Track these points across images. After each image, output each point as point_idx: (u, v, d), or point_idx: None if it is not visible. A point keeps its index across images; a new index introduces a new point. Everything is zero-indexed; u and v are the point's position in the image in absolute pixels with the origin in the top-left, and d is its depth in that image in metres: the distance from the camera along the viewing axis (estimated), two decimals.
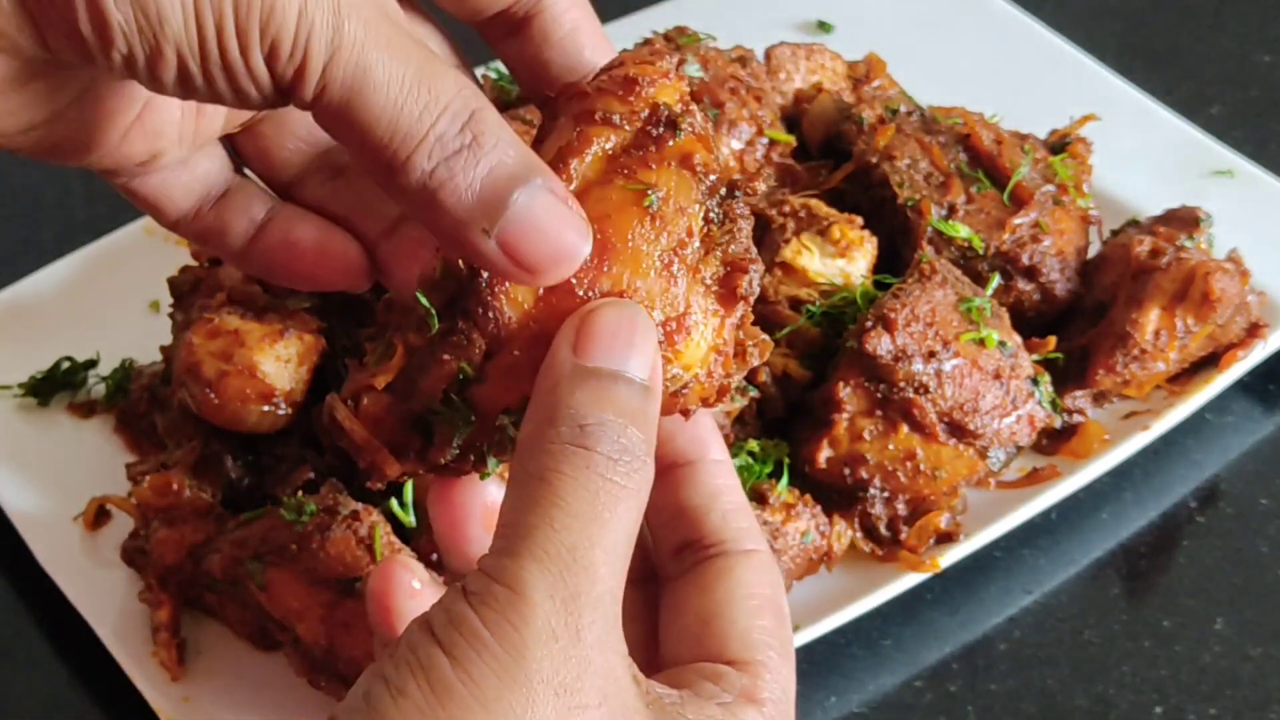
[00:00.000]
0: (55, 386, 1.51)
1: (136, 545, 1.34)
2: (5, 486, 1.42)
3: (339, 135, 0.70)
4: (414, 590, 0.82)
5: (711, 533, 0.79)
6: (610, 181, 0.73)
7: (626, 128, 0.74)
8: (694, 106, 0.76)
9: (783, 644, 0.77)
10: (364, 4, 0.68)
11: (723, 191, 0.76)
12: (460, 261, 0.72)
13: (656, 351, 0.72)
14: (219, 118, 0.81)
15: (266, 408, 1.37)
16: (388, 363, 0.73)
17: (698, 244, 0.74)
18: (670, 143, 0.74)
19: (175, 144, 0.80)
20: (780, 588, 0.79)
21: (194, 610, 1.32)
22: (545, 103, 0.78)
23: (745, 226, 0.76)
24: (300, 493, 1.31)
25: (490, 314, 0.72)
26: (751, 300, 0.76)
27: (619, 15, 1.80)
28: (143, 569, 1.32)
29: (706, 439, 0.82)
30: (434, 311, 0.73)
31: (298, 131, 0.83)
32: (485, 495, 0.80)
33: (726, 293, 0.75)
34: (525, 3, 0.79)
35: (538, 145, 0.75)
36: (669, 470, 0.80)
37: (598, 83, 0.76)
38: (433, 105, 0.68)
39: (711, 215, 0.75)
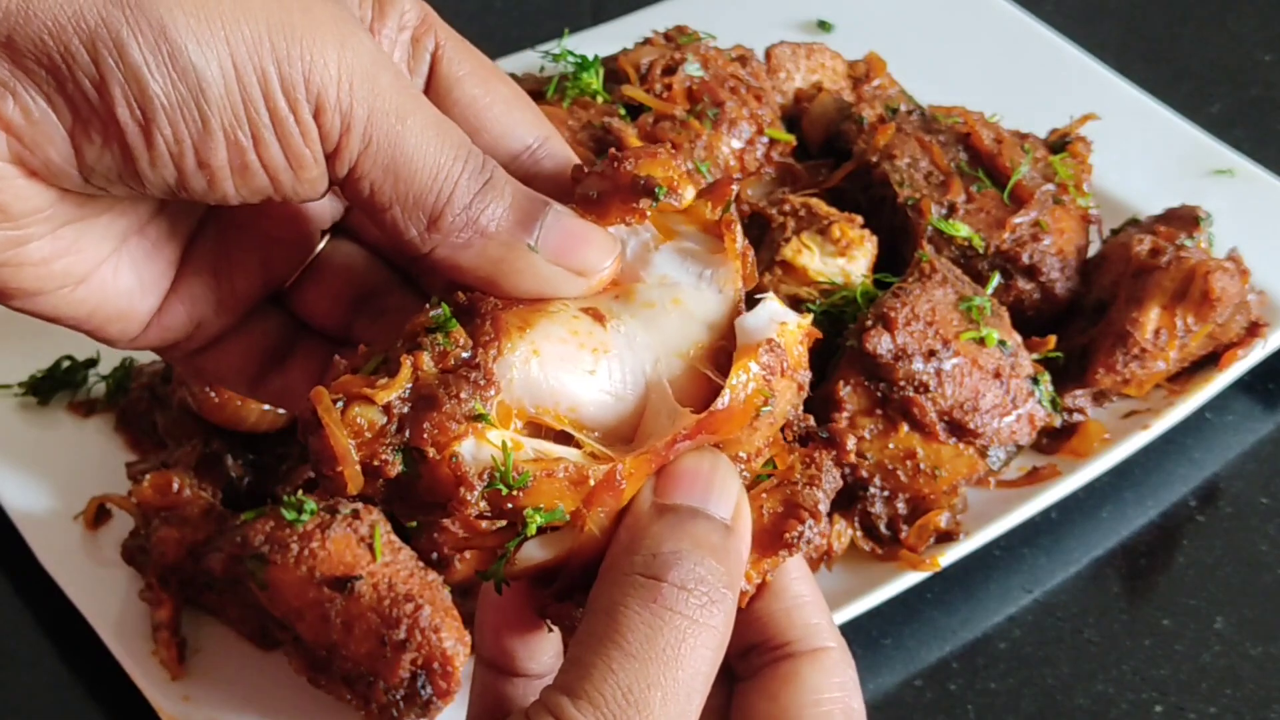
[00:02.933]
0: (56, 385, 1.51)
1: (137, 544, 1.34)
2: (6, 485, 1.42)
3: (379, 205, 0.70)
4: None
5: (779, 633, 0.75)
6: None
7: (604, 202, 0.75)
8: (732, 223, 0.77)
9: None
10: (384, 61, 0.69)
11: (811, 423, 0.76)
12: (460, 294, 0.73)
13: (742, 494, 0.72)
14: (255, 280, 0.80)
15: (267, 407, 1.37)
16: (389, 379, 0.71)
17: (767, 459, 0.75)
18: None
19: (216, 314, 0.79)
20: (852, 686, 0.76)
21: (194, 609, 1.33)
22: None
23: (829, 483, 0.76)
24: (301, 491, 1.31)
25: (490, 322, 0.72)
26: (795, 552, 0.74)
27: (620, 15, 1.81)
28: (143, 568, 1.32)
29: None
30: (452, 317, 0.72)
31: (338, 280, 0.83)
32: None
33: (772, 535, 0.74)
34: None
35: None
36: None
37: (592, 169, 0.77)
38: (460, 151, 0.71)
39: (794, 428, 0.76)
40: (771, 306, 0.75)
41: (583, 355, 0.73)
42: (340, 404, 0.70)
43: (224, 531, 1.30)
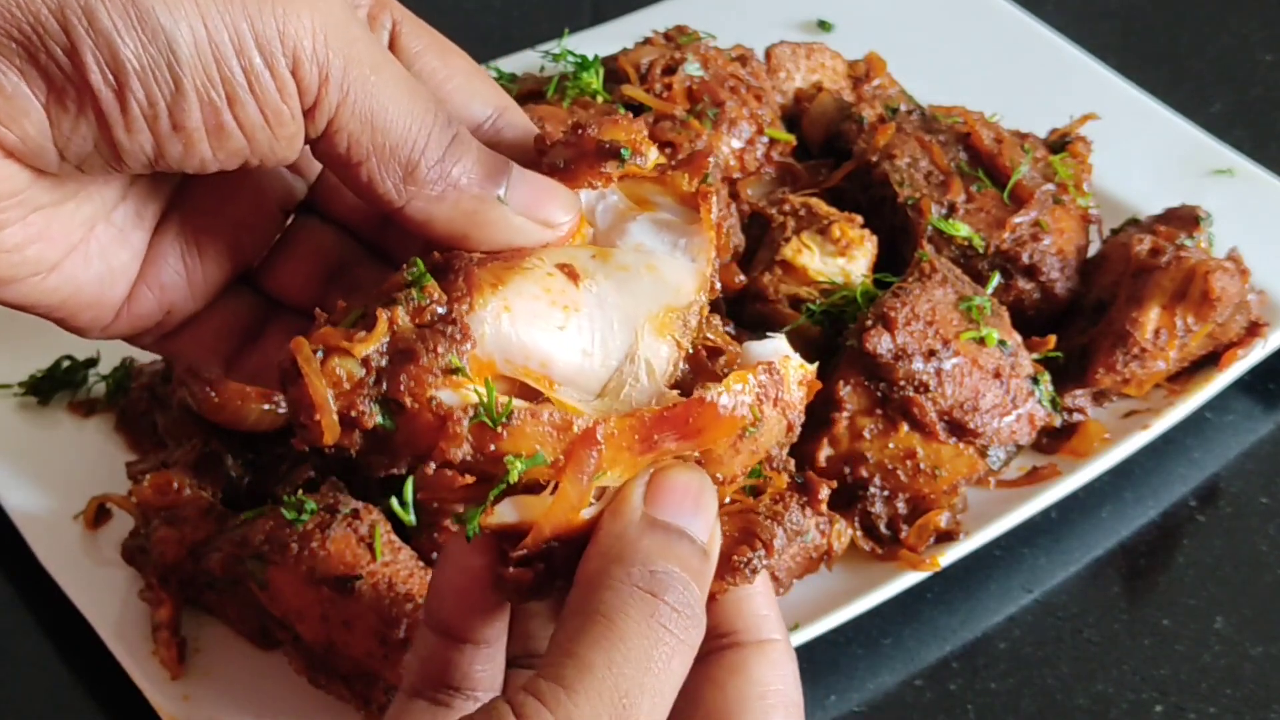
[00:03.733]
0: (56, 385, 1.51)
1: (137, 544, 1.34)
2: (6, 485, 1.42)
3: (355, 158, 0.71)
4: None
5: (727, 621, 0.78)
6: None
7: (571, 169, 0.78)
8: (709, 194, 0.79)
9: None
10: (354, 16, 0.71)
11: (792, 469, 0.79)
12: (435, 254, 0.75)
13: (716, 520, 0.75)
14: (224, 262, 0.81)
15: (267, 406, 1.37)
16: (366, 332, 0.72)
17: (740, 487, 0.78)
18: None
19: (186, 298, 0.80)
20: (794, 681, 0.78)
21: (194, 609, 1.32)
22: None
23: (791, 524, 0.79)
24: (301, 491, 1.31)
25: (462, 278, 0.74)
26: (741, 580, 0.77)
27: (620, 14, 1.81)
28: (143, 567, 1.32)
29: None
30: (427, 272, 0.74)
31: (307, 257, 0.84)
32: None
33: (724, 557, 0.76)
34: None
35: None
36: None
37: (557, 140, 0.80)
38: (430, 104, 0.73)
39: (775, 467, 0.78)
40: (780, 343, 0.78)
41: (554, 312, 0.74)
42: (320, 355, 0.72)
43: (224, 531, 1.30)
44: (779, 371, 0.76)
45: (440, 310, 0.73)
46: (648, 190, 0.79)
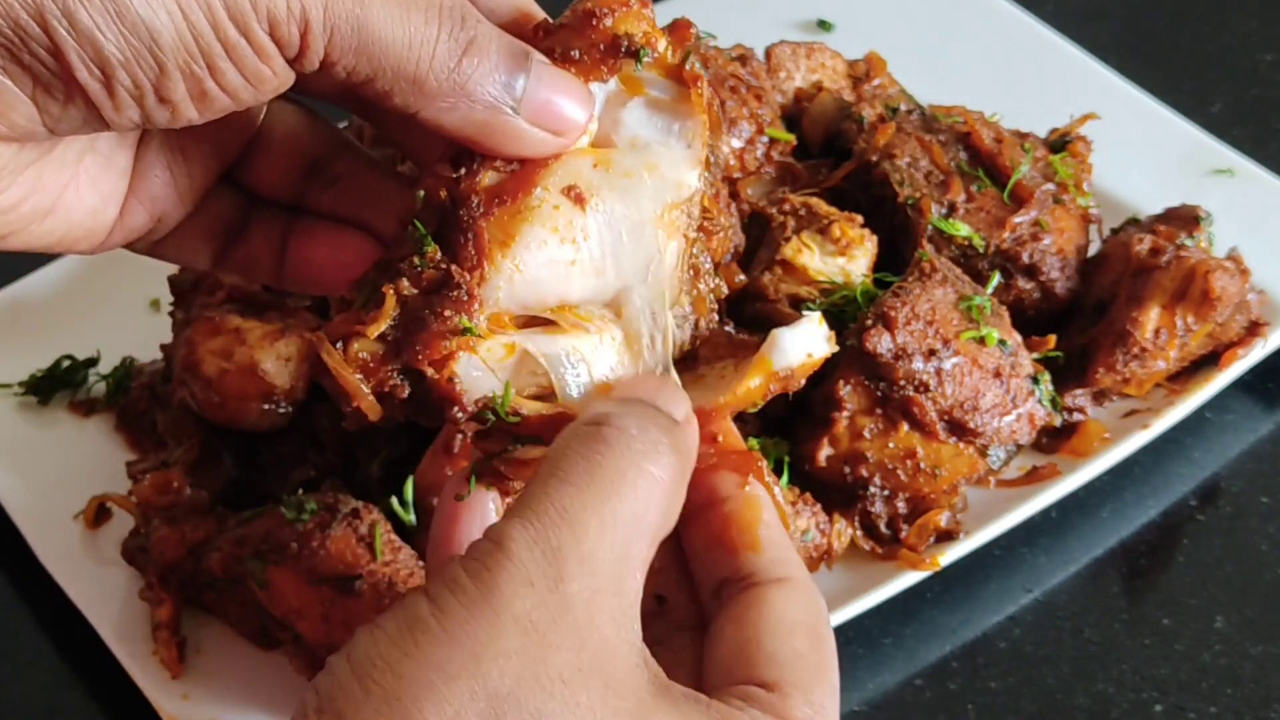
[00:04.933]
0: (56, 385, 1.51)
1: (137, 543, 1.34)
2: (6, 485, 1.42)
3: (359, 76, 0.72)
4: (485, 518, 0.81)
5: (744, 565, 0.76)
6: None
7: (587, 60, 0.77)
8: (703, 85, 0.80)
9: (819, 667, 0.74)
10: None
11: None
12: (442, 192, 0.76)
13: (691, 414, 0.74)
14: (209, 165, 0.83)
15: (267, 406, 1.37)
16: (377, 310, 0.74)
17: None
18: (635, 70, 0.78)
19: (175, 205, 0.82)
20: (821, 614, 0.76)
21: (194, 608, 1.33)
22: None
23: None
24: (300, 491, 1.31)
25: (471, 241, 0.75)
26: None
27: None
28: (143, 567, 1.32)
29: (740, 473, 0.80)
30: (428, 235, 0.75)
31: (284, 151, 0.85)
32: (488, 517, 0.80)
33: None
34: None
35: None
36: (704, 509, 0.78)
37: (559, 20, 0.79)
38: (432, 13, 0.72)
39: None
40: (810, 332, 0.79)
41: (564, 249, 0.76)
42: (340, 345, 0.73)
43: (224, 531, 1.30)
44: (795, 377, 0.79)
45: (444, 266, 0.74)
46: (634, 67, 0.79)
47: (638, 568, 0.68)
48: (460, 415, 0.74)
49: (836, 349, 0.79)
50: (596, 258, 0.76)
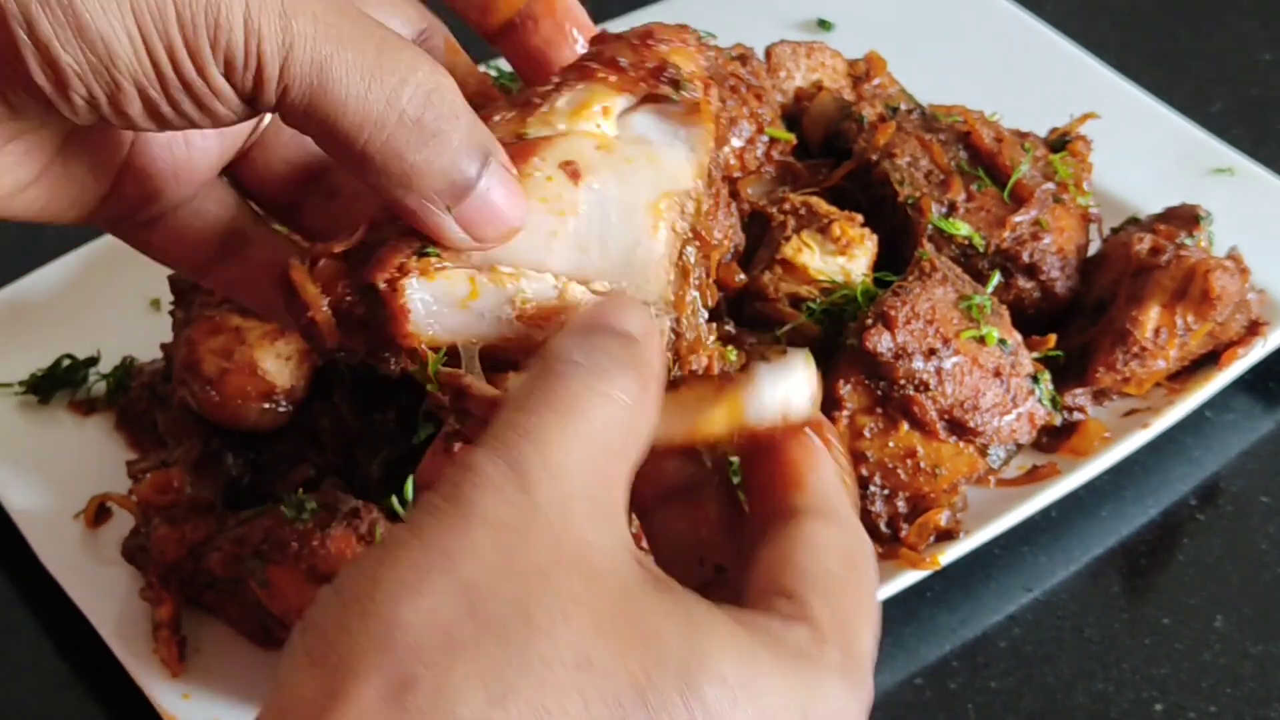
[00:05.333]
0: (56, 384, 1.51)
1: (137, 543, 1.34)
2: (6, 484, 1.42)
3: (311, 132, 0.72)
4: None
5: (791, 500, 0.72)
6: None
7: (631, 73, 0.78)
8: (710, 86, 0.79)
9: (849, 584, 0.70)
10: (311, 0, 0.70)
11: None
12: None
13: (654, 327, 0.71)
14: (210, 149, 0.82)
15: (267, 405, 1.37)
16: (350, 236, 0.75)
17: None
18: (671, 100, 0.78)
19: (171, 182, 0.81)
20: (864, 549, 0.72)
21: (195, 608, 1.33)
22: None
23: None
24: (301, 490, 1.31)
25: None
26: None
27: (620, 13, 1.80)
28: (143, 566, 1.32)
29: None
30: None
31: (286, 155, 0.85)
32: None
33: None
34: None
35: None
36: (762, 455, 0.74)
37: (618, 34, 0.80)
38: (396, 89, 0.71)
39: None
40: (795, 376, 0.75)
41: (548, 219, 0.75)
42: (308, 264, 0.75)
43: (224, 530, 1.31)
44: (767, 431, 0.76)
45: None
46: (671, 93, 0.80)
47: (613, 485, 0.65)
48: (409, 328, 0.73)
49: (816, 412, 0.75)
50: (582, 233, 0.76)
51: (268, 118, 0.84)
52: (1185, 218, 1.48)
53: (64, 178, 0.78)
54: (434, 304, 0.74)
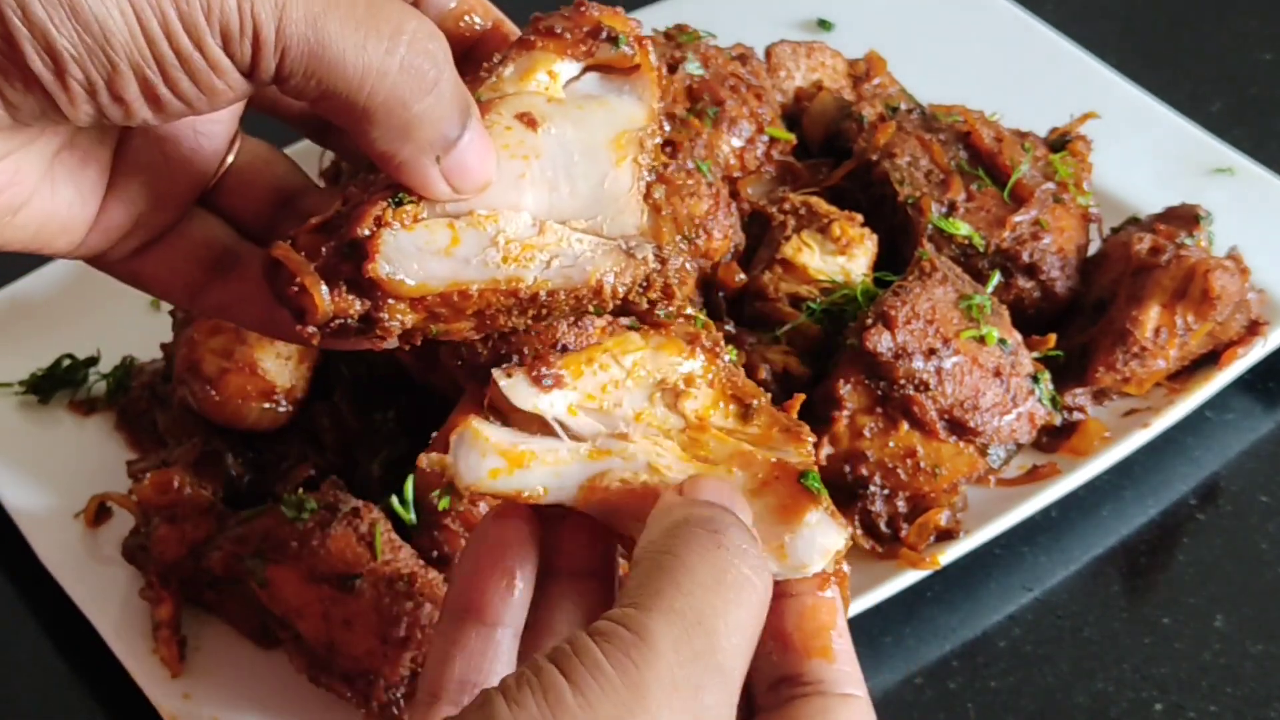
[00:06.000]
0: (56, 384, 1.51)
1: (137, 542, 1.34)
2: (6, 484, 1.42)
3: (311, 94, 0.73)
4: (508, 591, 0.81)
5: (813, 670, 0.76)
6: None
7: (569, 37, 0.82)
8: (646, 41, 0.83)
9: None
10: None
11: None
12: None
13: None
14: (190, 173, 0.84)
15: (267, 405, 1.37)
16: (327, 212, 0.78)
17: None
18: (611, 52, 0.82)
19: (153, 208, 0.82)
20: None
21: (195, 607, 1.33)
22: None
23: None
24: (301, 490, 1.31)
25: None
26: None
27: None
28: (143, 566, 1.32)
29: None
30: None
31: (259, 181, 0.87)
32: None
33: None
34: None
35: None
36: (777, 599, 0.77)
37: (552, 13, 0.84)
38: (393, 45, 0.72)
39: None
40: (826, 536, 0.79)
41: (513, 164, 0.79)
42: (290, 242, 0.77)
43: (224, 530, 1.31)
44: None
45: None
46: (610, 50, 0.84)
47: (743, 674, 0.70)
48: (378, 271, 0.76)
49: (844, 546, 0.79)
50: (549, 173, 0.79)
51: (238, 145, 0.86)
52: (1185, 218, 1.48)
53: (52, 201, 0.78)
54: (418, 253, 0.77)
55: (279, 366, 1.37)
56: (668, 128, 0.84)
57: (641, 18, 1.79)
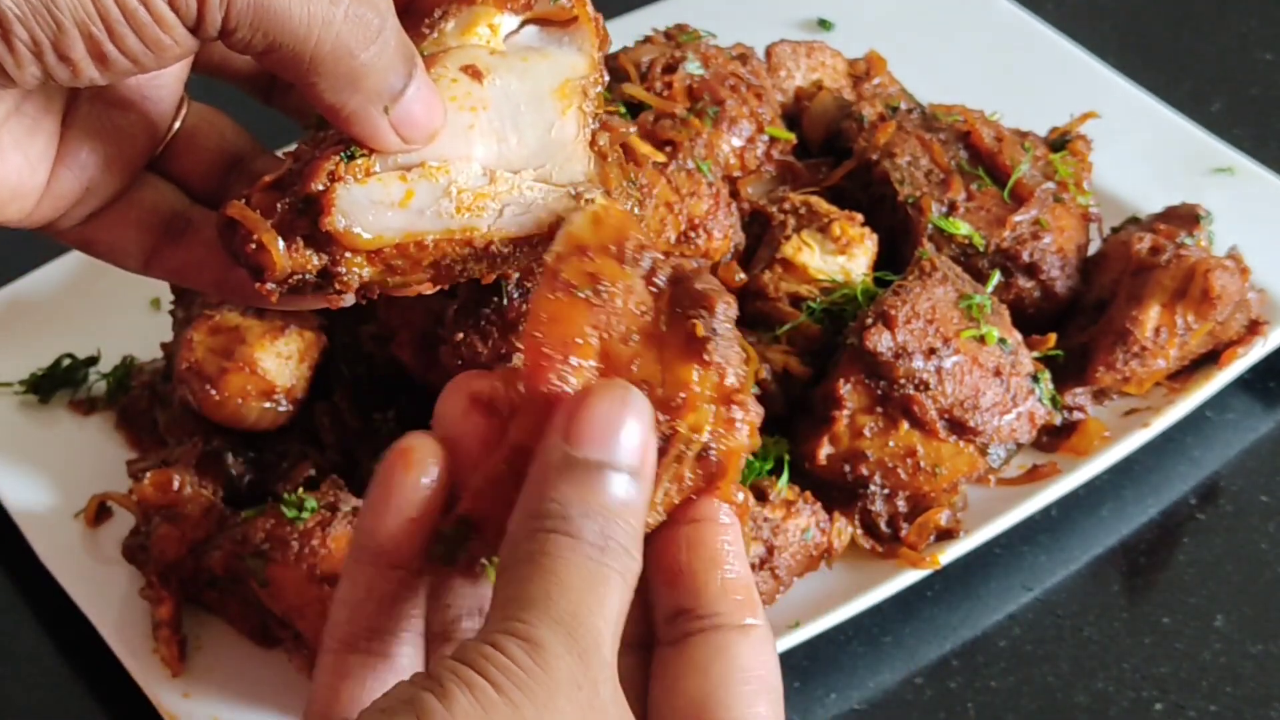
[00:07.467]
0: (56, 383, 1.51)
1: (137, 542, 1.34)
2: (6, 483, 1.42)
3: (257, 47, 0.73)
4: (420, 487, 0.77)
5: (709, 602, 0.75)
6: (554, 291, 0.75)
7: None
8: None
9: None
10: None
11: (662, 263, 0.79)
12: None
13: (649, 434, 0.72)
14: (138, 138, 0.84)
15: (267, 404, 1.37)
16: (278, 170, 0.79)
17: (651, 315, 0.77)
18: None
19: (103, 173, 0.83)
20: (776, 667, 0.76)
21: (195, 607, 1.33)
22: None
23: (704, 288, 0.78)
24: (301, 489, 1.31)
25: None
26: (716, 337, 0.75)
27: (620, 13, 1.81)
28: (144, 566, 1.32)
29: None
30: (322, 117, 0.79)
31: (208, 144, 0.88)
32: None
33: (685, 343, 0.75)
34: None
35: None
36: (672, 527, 0.76)
37: None
38: (337, 3, 0.74)
39: (655, 284, 0.77)
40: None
41: (462, 115, 0.80)
42: (244, 201, 0.78)
43: (224, 529, 1.31)
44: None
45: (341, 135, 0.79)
46: None
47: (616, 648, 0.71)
48: (333, 225, 0.77)
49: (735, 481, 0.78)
50: (496, 124, 0.81)
51: (185, 109, 0.87)
52: (1185, 217, 1.48)
53: (1, 169, 0.78)
54: (372, 205, 0.78)
55: (279, 366, 1.37)
56: (607, 77, 0.86)
57: (641, 18, 1.79)
